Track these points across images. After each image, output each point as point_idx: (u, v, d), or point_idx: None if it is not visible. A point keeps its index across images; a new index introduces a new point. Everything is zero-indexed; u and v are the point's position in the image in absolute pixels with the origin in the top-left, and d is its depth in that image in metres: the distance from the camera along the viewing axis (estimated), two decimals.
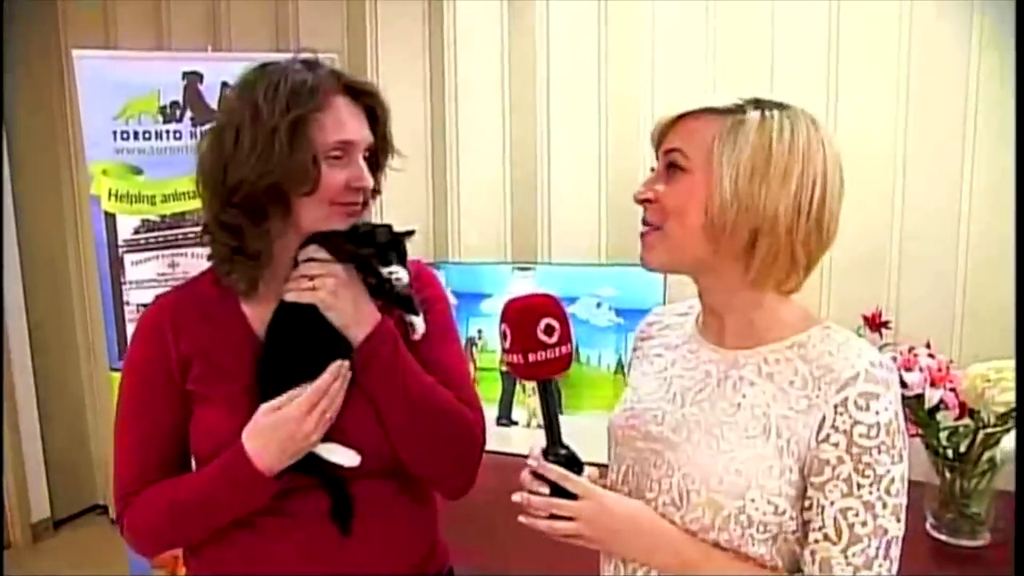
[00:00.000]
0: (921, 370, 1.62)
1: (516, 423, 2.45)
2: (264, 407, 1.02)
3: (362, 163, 1.07)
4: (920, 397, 1.62)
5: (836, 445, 0.82)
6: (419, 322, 1.12)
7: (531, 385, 2.43)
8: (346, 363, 1.05)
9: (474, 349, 2.54)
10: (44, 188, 3.46)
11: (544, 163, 2.49)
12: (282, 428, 1.00)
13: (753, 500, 0.85)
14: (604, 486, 1.01)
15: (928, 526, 1.73)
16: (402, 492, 1.11)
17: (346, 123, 1.05)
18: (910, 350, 1.65)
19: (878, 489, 0.81)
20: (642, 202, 0.93)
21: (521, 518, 0.91)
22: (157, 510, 1.05)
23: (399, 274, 1.06)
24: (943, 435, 1.69)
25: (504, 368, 2.49)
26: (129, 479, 1.07)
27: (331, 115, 1.03)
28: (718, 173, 0.85)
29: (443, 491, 1.17)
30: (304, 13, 2.88)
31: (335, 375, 1.03)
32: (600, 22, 2.39)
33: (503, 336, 0.93)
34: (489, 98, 2.60)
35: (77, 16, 3.28)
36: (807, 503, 0.84)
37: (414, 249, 2.70)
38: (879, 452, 0.81)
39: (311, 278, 1.05)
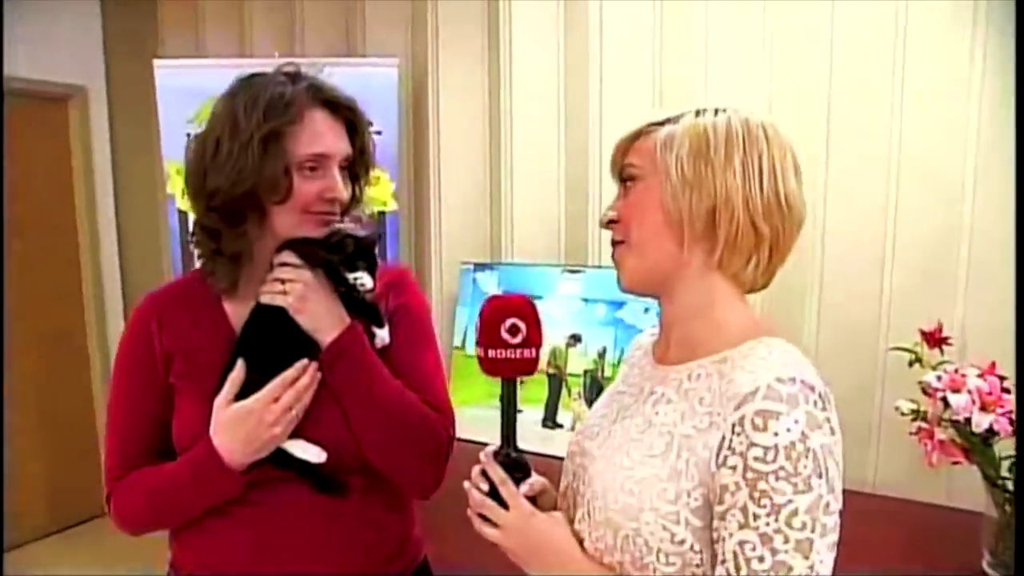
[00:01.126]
0: (969, 392, 1.48)
1: (561, 426, 2.43)
2: (220, 400, 1.06)
3: (337, 175, 1.09)
4: (969, 421, 1.50)
5: (733, 469, 0.74)
6: (382, 334, 1.14)
7: (577, 390, 2.43)
8: (313, 363, 1.08)
9: None
10: (141, 186, 3.70)
11: (596, 168, 2.46)
12: (246, 421, 1.04)
13: (648, 523, 0.80)
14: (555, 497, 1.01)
15: (985, 564, 1.59)
16: (372, 487, 1.13)
17: (321, 136, 1.07)
18: (956, 370, 1.52)
19: (776, 520, 0.72)
20: (607, 225, 0.93)
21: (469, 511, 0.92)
22: (136, 496, 1.11)
23: (363, 280, 1.09)
24: (1004, 464, 1.55)
25: (550, 371, 2.48)
26: (115, 462, 1.13)
27: (306, 128, 1.06)
28: (664, 167, 0.85)
29: (409, 490, 1.18)
30: (370, 19, 2.96)
31: (299, 372, 1.07)
32: (655, 28, 2.34)
33: (475, 328, 0.95)
34: (544, 103, 2.60)
35: (170, 24, 3.50)
36: (714, 534, 0.77)
37: (471, 248, 2.76)
38: (776, 479, 0.72)
39: (283, 282, 1.08)
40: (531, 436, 2.19)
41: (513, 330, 0.91)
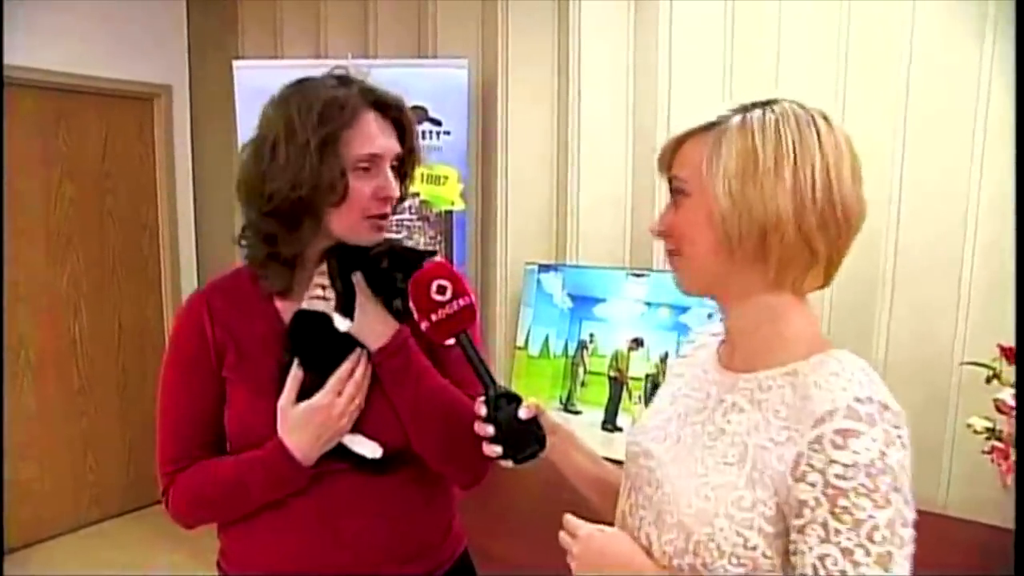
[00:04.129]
0: None
1: (620, 429, 2.42)
2: (283, 402, 1.09)
3: (390, 174, 1.11)
4: None
5: (813, 485, 0.76)
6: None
7: (637, 393, 2.42)
8: (364, 351, 1.11)
9: (584, 353, 2.54)
10: (220, 184, 3.83)
11: None
12: (315, 417, 1.08)
13: (722, 529, 0.81)
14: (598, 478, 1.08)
15: None
16: (419, 479, 1.17)
17: (374, 137, 1.09)
18: None
19: (857, 535, 0.73)
20: (658, 235, 0.93)
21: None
22: (200, 488, 1.14)
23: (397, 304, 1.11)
24: None
25: (611, 374, 2.48)
26: (173, 454, 1.16)
27: (360, 130, 1.08)
28: (712, 187, 0.84)
29: (455, 482, 1.22)
30: (442, 21, 3.01)
31: (354, 363, 1.10)
32: (725, 28, 2.31)
33: (413, 311, 1.04)
34: (613, 104, 2.60)
35: (251, 26, 3.62)
36: (791, 547, 0.79)
37: (537, 249, 2.76)
38: (857, 495, 0.74)
39: (324, 287, 1.11)
40: (590, 439, 2.16)
41: (441, 290, 1.01)
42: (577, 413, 2.52)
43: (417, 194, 2.70)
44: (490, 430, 1.00)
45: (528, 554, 1.93)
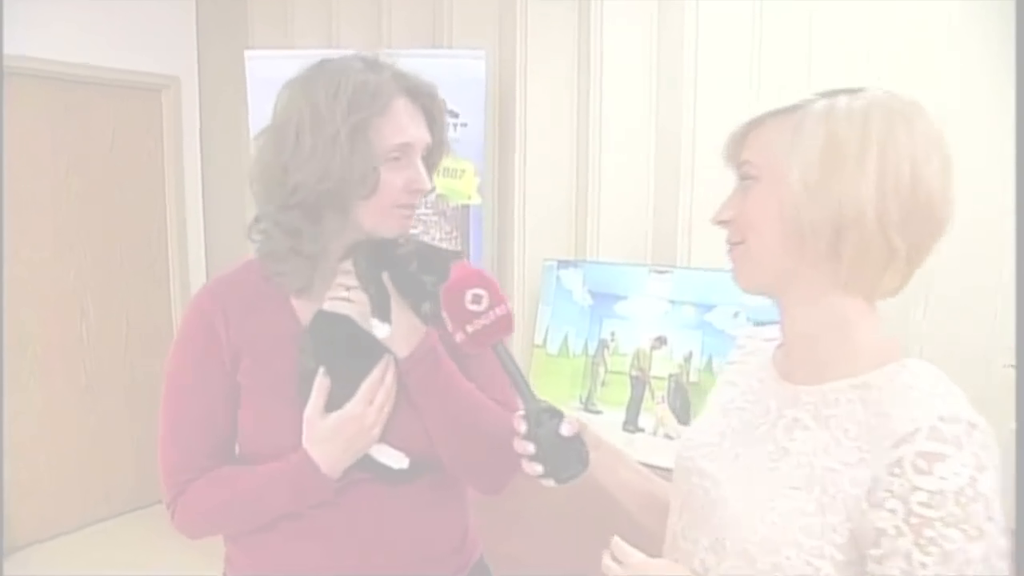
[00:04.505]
0: None
1: (642, 430, 2.36)
2: (311, 412, 1.03)
3: (420, 165, 1.05)
4: None
5: (893, 512, 0.69)
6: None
7: (660, 393, 2.35)
8: (391, 358, 1.05)
9: (605, 351, 2.47)
10: (229, 176, 3.77)
11: (688, 164, 2.38)
12: (347, 428, 1.02)
13: (789, 558, 0.74)
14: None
15: None
16: (437, 486, 1.12)
17: (406, 126, 1.02)
18: None
19: (947, 569, 0.66)
20: (720, 223, 0.86)
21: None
22: (215, 502, 1.07)
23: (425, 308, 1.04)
24: None
25: (633, 373, 2.41)
26: (181, 465, 1.08)
27: (391, 118, 1.01)
28: (787, 173, 0.77)
29: (477, 488, 1.17)
30: (458, 10, 2.93)
31: (383, 370, 1.04)
32: (754, 21, 2.24)
33: (447, 320, 0.97)
34: (635, 96, 2.53)
35: (261, 15, 3.55)
36: None
37: (556, 245, 2.70)
38: (945, 525, 0.66)
39: (348, 288, 1.04)
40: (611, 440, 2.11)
41: (476, 299, 0.94)
42: (598, 413, 2.46)
43: (433, 188, 2.62)
44: (531, 448, 0.92)
45: (536, 554, 1.88)
